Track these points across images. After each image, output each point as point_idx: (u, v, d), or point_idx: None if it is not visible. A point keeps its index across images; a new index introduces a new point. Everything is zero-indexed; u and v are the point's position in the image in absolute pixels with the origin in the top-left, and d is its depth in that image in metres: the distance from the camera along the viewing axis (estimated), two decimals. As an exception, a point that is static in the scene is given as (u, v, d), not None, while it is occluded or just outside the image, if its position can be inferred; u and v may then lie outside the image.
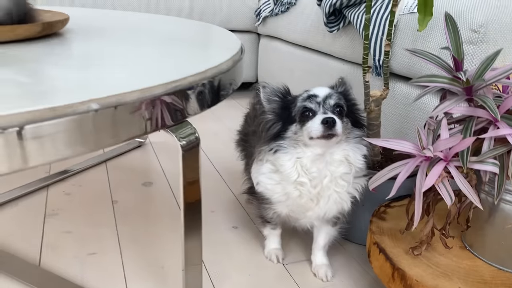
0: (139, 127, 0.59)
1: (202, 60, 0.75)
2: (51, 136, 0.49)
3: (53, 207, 1.20)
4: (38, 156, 0.49)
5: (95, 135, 0.54)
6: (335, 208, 0.89)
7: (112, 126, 0.55)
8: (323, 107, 0.83)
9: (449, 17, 0.79)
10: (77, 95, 0.51)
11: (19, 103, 0.49)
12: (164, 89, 0.60)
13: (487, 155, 0.68)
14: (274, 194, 0.90)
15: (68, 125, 0.50)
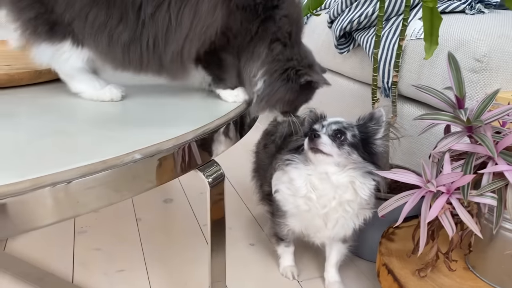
0: (173, 171, 0.66)
1: (225, 104, 0.82)
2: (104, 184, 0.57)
3: (82, 224, 1.28)
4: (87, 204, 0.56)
5: (139, 181, 0.62)
6: (342, 232, 0.97)
7: (151, 172, 0.63)
8: (326, 129, 0.92)
9: (452, 56, 0.86)
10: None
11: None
12: (194, 135, 0.68)
13: (486, 189, 0.74)
14: (288, 204, 0.98)
15: (116, 174, 0.58)
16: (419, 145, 1.29)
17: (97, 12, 0.72)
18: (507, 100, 1.00)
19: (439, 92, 0.87)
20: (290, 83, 0.81)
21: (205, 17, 0.74)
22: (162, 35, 0.74)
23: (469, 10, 1.24)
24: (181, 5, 0.73)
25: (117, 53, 0.76)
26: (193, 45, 0.76)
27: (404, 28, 1.02)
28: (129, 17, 0.73)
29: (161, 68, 0.78)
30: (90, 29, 0.74)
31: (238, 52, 0.80)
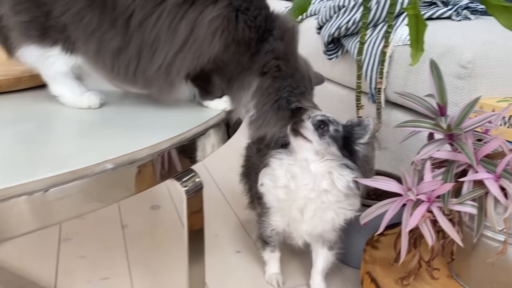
0: (152, 179, 0.66)
1: (206, 110, 0.81)
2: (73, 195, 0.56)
3: (67, 231, 1.27)
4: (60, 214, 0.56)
5: (111, 191, 0.61)
6: (319, 225, 0.97)
7: (125, 182, 0.62)
8: (311, 120, 0.95)
9: (434, 64, 0.86)
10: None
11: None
12: (171, 143, 0.67)
13: (466, 198, 0.74)
14: (270, 195, 0.99)
15: (87, 184, 0.57)
16: (406, 151, 1.29)
17: (91, 17, 0.72)
18: (491, 107, 1.00)
19: (422, 99, 0.87)
20: (281, 111, 0.82)
21: (202, 42, 0.74)
22: (148, 46, 0.74)
23: (456, 16, 1.24)
24: (175, 18, 0.73)
25: (106, 60, 0.75)
26: (184, 65, 0.75)
27: (388, 34, 1.02)
28: (119, 24, 0.73)
29: (146, 81, 0.77)
30: (83, 33, 0.73)
31: (229, 79, 0.80)
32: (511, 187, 0.71)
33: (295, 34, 0.82)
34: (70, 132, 0.73)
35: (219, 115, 0.80)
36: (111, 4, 0.72)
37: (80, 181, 0.56)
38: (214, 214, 1.37)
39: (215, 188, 1.54)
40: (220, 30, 0.74)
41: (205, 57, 0.75)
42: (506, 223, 0.74)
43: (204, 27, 0.73)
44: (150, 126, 0.74)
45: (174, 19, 0.73)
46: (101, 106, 0.80)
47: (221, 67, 0.79)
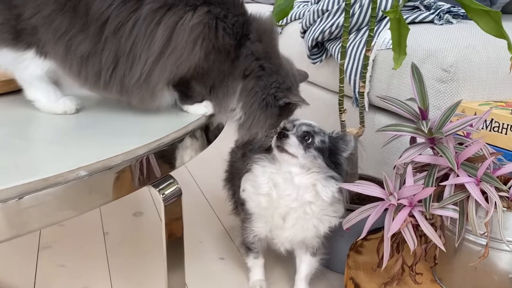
0: (126, 187, 0.64)
1: (185, 115, 0.80)
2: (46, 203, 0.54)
3: (47, 239, 1.24)
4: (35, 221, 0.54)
5: (85, 198, 0.59)
6: (301, 234, 0.96)
7: (101, 189, 0.60)
8: (296, 130, 0.93)
9: (415, 67, 0.86)
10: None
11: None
12: (148, 149, 0.66)
13: (447, 202, 0.74)
14: (251, 202, 0.98)
15: (60, 192, 0.55)
16: (390, 155, 1.28)
17: (61, 20, 0.71)
18: (473, 110, 1.00)
19: (403, 103, 0.86)
20: (269, 108, 0.81)
21: (182, 50, 0.72)
22: (125, 55, 0.72)
23: (438, 20, 1.25)
24: (151, 24, 0.71)
25: (73, 65, 0.74)
26: (164, 74, 0.74)
27: (370, 38, 1.02)
28: (91, 28, 0.71)
29: (123, 89, 0.75)
30: (52, 37, 0.72)
31: (211, 87, 0.80)
32: (491, 191, 0.71)
33: (273, 34, 0.82)
34: (44, 138, 0.71)
35: (198, 120, 0.79)
36: (83, 9, 0.71)
37: (54, 189, 0.54)
38: (198, 220, 1.35)
39: (199, 194, 1.53)
40: (201, 38, 0.73)
41: (186, 65, 0.75)
42: (487, 226, 0.74)
43: (184, 35, 0.72)
44: (127, 131, 0.72)
45: (151, 25, 0.71)
46: (77, 111, 0.79)
47: (202, 74, 0.78)
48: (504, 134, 0.93)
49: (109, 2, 0.70)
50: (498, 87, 1.12)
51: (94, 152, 0.61)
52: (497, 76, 1.11)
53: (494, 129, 0.95)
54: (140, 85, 0.74)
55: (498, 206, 0.71)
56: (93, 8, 0.70)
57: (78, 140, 0.68)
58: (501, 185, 0.72)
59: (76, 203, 0.58)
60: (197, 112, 0.81)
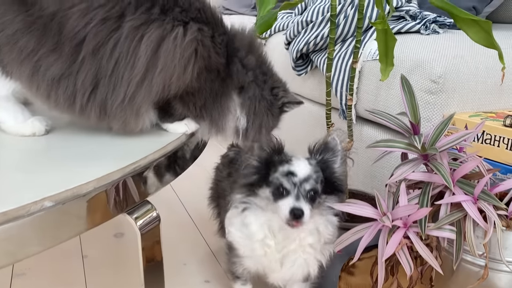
0: (98, 216, 0.59)
1: (164, 134, 0.75)
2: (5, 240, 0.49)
3: (21, 266, 1.17)
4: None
5: (52, 231, 0.54)
6: (300, 272, 0.89)
7: (70, 220, 0.55)
8: (298, 189, 0.80)
9: (405, 80, 0.82)
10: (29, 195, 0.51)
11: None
12: (122, 174, 0.61)
13: (443, 222, 0.70)
14: (242, 247, 0.90)
15: (22, 226, 0.50)
16: (380, 168, 1.25)
17: (28, 40, 0.66)
18: (464, 122, 0.97)
19: (394, 117, 0.83)
20: (272, 109, 0.83)
21: (173, 68, 0.68)
22: (107, 77, 0.67)
23: (424, 30, 1.22)
24: (133, 42, 0.66)
25: (41, 86, 0.68)
26: (150, 94, 0.69)
27: (357, 50, 0.98)
28: (64, 49, 0.66)
29: (103, 115, 0.70)
30: (17, 57, 0.66)
31: (203, 108, 0.77)
32: (490, 210, 0.67)
33: (258, 43, 0.85)
34: (8, 164, 0.65)
35: (179, 139, 0.74)
36: (56, 27, 0.66)
37: (14, 223, 0.49)
38: (182, 241, 1.30)
39: (183, 213, 1.47)
40: (194, 56, 0.70)
41: (177, 85, 0.71)
42: (486, 247, 0.70)
43: (176, 52, 0.68)
44: (100, 154, 0.67)
45: (133, 42, 0.66)
46: (47, 132, 0.73)
47: (191, 94, 0.75)
48: (497, 146, 0.90)
49: (86, 20, 0.65)
50: (487, 98, 1.10)
51: (63, 179, 0.56)
52: (486, 86, 1.08)
53: (486, 141, 0.92)
54: (123, 108, 0.69)
55: (497, 225, 0.67)
56: (68, 26, 0.65)
57: (45, 166, 0.62)
58: (499, 203, 0.68)
59: (41, 238, 0.52)
60: (177, 130, 0.77)
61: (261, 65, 0.83)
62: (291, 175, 0.81)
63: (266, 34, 1.83)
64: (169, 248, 1.25)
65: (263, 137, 0.84)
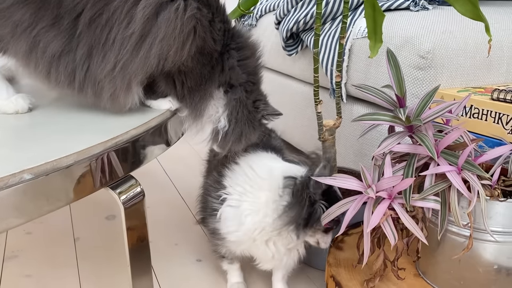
0: (80, 190, 0.58)
1: (147, 110, 0.75)
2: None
3: (13, 248, 1.17)
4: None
5: (32, 204, 0.53)
6: (289, 260, 0.91)
7: (50, 193, 0.55)
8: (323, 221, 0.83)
9: (391, 53, 0.82)
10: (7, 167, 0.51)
11: None
12: (104, 148, 0.60)
13: (428, 192, 0.70)
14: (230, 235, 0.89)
15: (1, 198, 0.49)
16: (370, 146, 1.25)
17: (24, 13, 0.63)
18: (452, 97, 0.97)
19: (380, 91, 0.83)
20: (253, 121, 0.83)
21: (171, 40, 0.66)
22: (100, 44, 0.65)
23: (414, 7, 1.21)
24: (128, 3, 0.64)
25: (39, 64, 0.66)
26: (146, 65, 0.67)
27: (344, 25, 0.97)
28: (63, 23, 0.64)
29: (96, 87, 0.68)
30: (11, 31, 0.64)
31: (189, 89, 0.76)
32: (473, 179, 0.68)
33: (260, 52, 0.86)
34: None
35: (163, 114, 0.74)
36: (55, 0, 0.63)
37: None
38: (174, 222, 1.30)
39: (175, 194, 1.47)
40: (193, 34, 0.68)
41: (173, 60, 0.68)
42: (470, 217, 0.70)
43: (177, 24, 0.65)
44: (83, 130, 0.67)
45: (128, 3, 0.63)
46: (30, 110, 0.73)
47: (182, 73, 0.73)
48: (484, 120, 0.90)
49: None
50: (476, 73, 1.09)
51: (44, 153, 0.55)
52: (475, 61, 1.08)
53: (474, 115, 0.92)
54: (113, 77, 0.66)
55: (481, 195, 0.68)
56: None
57: (27, 141, 0.62)
58: (483, 173, 0.68)
59: (21, 211, 0.52)
60: (161, 107, 0.76)
61: (256, 73, 0.83)
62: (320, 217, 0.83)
63: (257, 15, 1.81)
64: (161, 229, 1.26)
65: (241, 147, 0.84)
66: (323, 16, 1.33)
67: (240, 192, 0.86)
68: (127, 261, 0.67)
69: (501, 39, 1.09)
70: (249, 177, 0.87)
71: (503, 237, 0.72)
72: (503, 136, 0.84)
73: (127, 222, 0.65)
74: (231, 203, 0.86)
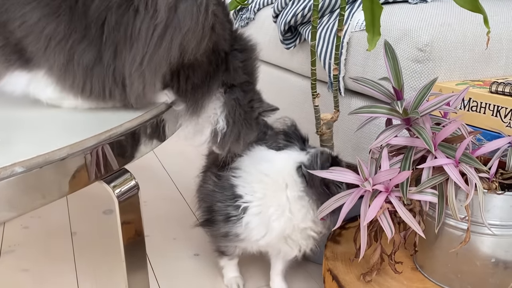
0: (74, 183, 0.58)
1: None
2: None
3: (10, 242, 1.17)
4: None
5: (24, 197, 0.53)
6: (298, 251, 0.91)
7: (41, 187, 0.54)
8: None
9: (388, 45, 0.81)
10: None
11: None
12: (97, 141, 0.60)
13: (425, 185, 0.69)
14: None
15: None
16: (368, 140, 1.24)
17: (58, 25, 0.62)
18: (451, 90, 0.96)
19: (377, 84, 0.82)
20: (251, 121, 0.83)
21: (196, 34, 0.66)
22: (127, 41, 0.64)
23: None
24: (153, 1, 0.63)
25: (77, 77, 0.65)
26: (168, 56, 0.66)
27: (341, 18, 0.97)
28: (92, 33, 0.63)
29: (124, 86, 0.67)
30: (46, 44, 0.63)
31: (193, 86, 0.75)
32: (471, 172, 0.67)
33: (256, 53, 0.85)
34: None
35: (158, 107, 0.73)
36: (81, 9, 0.62)
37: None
38: (172, 216, 1.30)
39: (173, 188, 1.46)
40: (211, 30, 0.68)
41: (191, 54, 0.68)
42: (467, 210, 0.70)
43: (200, 19, 0.65)
44: (76, 123, 0.66)
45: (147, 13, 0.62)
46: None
47: (192, 67, 0.72)
48: (483, 113, 0.89)
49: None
50: (475, 66, 1.09)
51: (36, 146, 0.55)
52: (474, 54, 1.07)
53: (472, 108, 0.91)
54: (142, 71, 0.65)
55: (479, 188, 0.67)
56: (92, 6, 0.62)
57: (19, 134, 0.61)
58: (481, 165, 0.68)
59: (13, 204, 0.51)
60: (157, 99, 0.75)
61: (252, 75, 0.83)
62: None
63: (255, 8, 1.80)
64: (158, 223, 1.25)
65: (239, 147, 0.84)
66: (321, 9, 1.32)
67: (260, 198, 0.85)
68: (122, 256, 0.67)
69: (500, 32, 1.08)
70: (264, 182, 0.85)
71: (501, 230, 0.72)
72: (501, 129, 0.84)
73: (121, 216, 0.64)
74: (255, 211, 0.85)
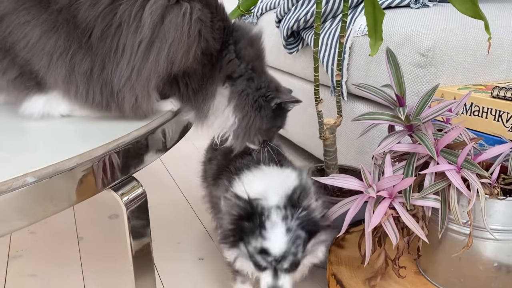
0: (83, 192, 0.59)
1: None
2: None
3: (17, 248, 1.18)
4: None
5: (35, 206, 0.54)
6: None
7: (53, 196, 0.55)
8: (275, 267, 0.74)
9: (390, 52, 0.82)
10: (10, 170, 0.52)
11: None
12: (105, 150, 0.61)
13: (428, 191, 0.70)
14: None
15: (4, 202, 0.50)
16: (371, 144, 1.25)
17: (57, 39, 0.65)
18: (453, 95, 0.97)
19: (380, 90, 0.83)
20: (263, 111, 0.80)
21: (178, 44, 0.67)
22: (112, 52, 0.66)
23: (414, 4, 1.21)
24: (135, 7, 0.65)
25: (80, 86, 0.67)
26: (156, 69, 0.68)
27: (344, 24, 0.97)
28: (83, 42, 0.65)
29: (116, 98, 0.69)
30: (49, 59, 0.65)
31: (193, 91, 0.76)
32: (473, 178, 0.68)
33: (262, 41, 0.84)
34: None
35: (163, 116, 0.74)
36: (72, 22, 0.64)
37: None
38: (177, 220, 1.31)
39: (178, 193, 1.48)
40: (198, 36, 0.69)
41: (180, 64, 0.69)
42: (470, 215, 0.71)
43: (184, 29, 0.66)
44: (84, 133, 0.67)
45: (134, 8, 0.64)
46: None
47: (187, 75, 0.74)
48: (485, 118, 0.90)
49: (94, 10, 0.64)
50: (476, 70, 1.10)
51: (46, 156, 0.56)
52: (476, 59, 1.08)
53: (474, 113, 0.92)
54: (132, 85, 0.67)
55: (480, 193, 0.68)
56: (79, 18, 0.64)
57: (28, 145, 0.63)
58: (482, 171, 0.68)
59: (25, 213, 0.53)
60: (163, 108, 0.77)
61: (260, 59, 0.82)
62: (265, 254, 0.73)
63: (258, 13, 1.81)
64: (163, 227, 1.26)
65: (252, 138, 0.82)
66: (324, 14, 1.33)
67: None
68: (130, 262, 0.68)
69: (502, 36, 1.09)
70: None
71: (503, 235, 0.73)
72: (503, 134, 0.84)
73: (129, 223, 0.65)
74: None
